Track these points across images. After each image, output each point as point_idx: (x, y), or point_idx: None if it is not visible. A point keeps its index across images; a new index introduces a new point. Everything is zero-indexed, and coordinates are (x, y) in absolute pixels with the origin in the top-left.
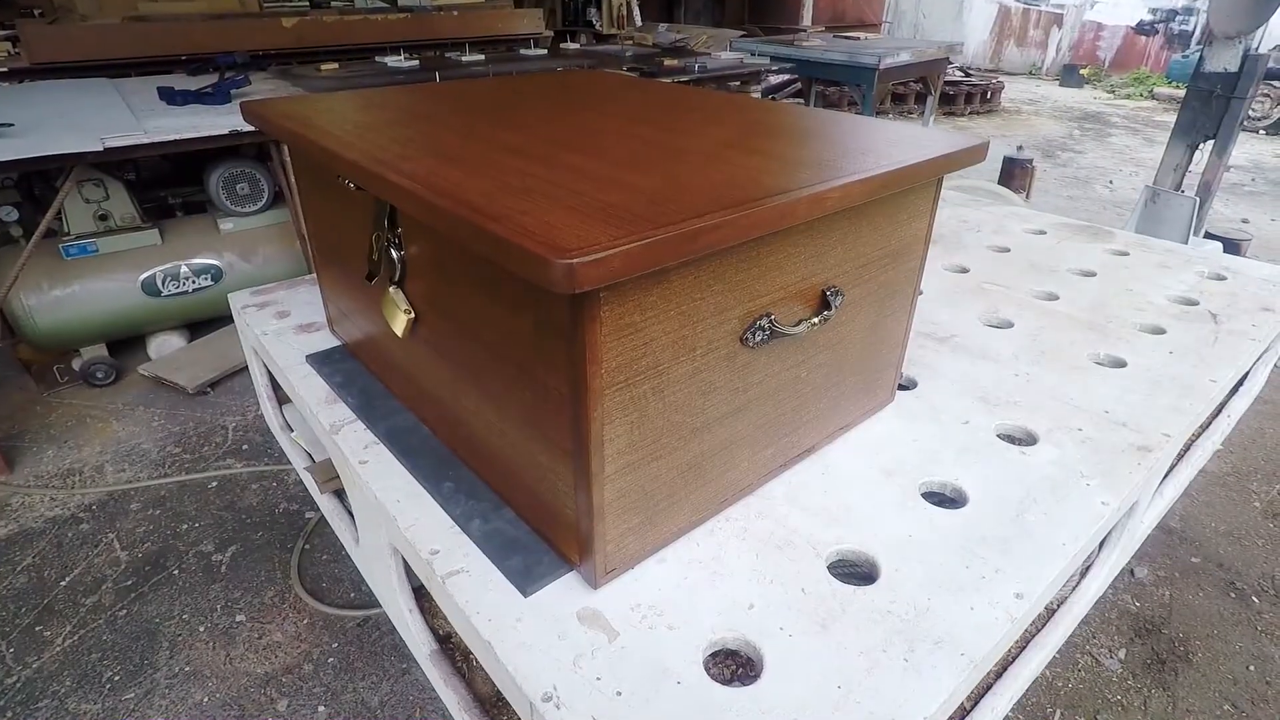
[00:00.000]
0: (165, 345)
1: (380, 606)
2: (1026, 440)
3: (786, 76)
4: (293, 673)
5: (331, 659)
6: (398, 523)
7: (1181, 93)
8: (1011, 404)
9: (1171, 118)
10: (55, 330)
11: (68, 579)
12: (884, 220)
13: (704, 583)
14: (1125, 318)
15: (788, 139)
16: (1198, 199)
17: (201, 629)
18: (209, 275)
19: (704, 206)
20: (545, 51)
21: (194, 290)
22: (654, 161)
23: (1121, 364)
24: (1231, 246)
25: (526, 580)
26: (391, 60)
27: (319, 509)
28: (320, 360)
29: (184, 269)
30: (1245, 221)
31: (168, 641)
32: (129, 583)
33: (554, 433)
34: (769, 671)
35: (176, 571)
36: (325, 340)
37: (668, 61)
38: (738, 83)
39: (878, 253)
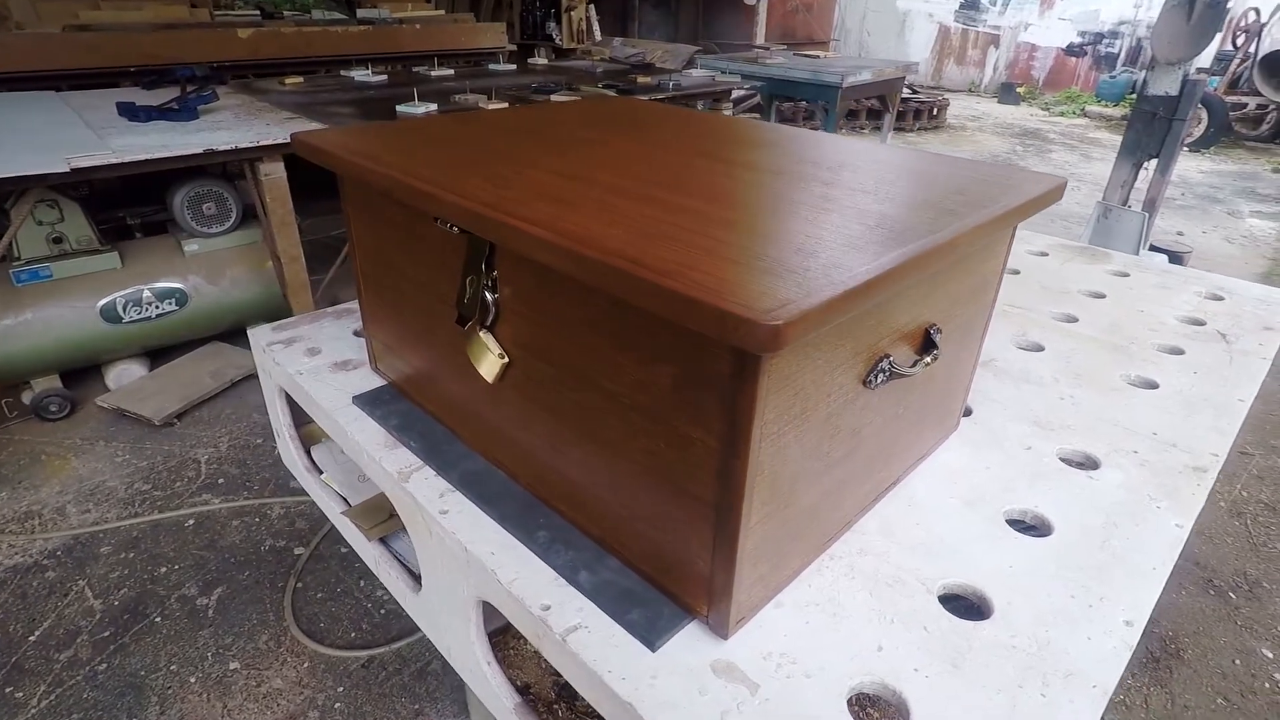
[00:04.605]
0: (125, 374)
1: (385, 645)
2: (1089, 464)
3: (744, 91)
4: None
5: (338, 704)
6: (498, 576)
7: (1110, 111)
8: (1065, 428)
9: (1103, 135)
10: (5, 362)
11: (37, 633)
12: (974, 257)
13: (826, 626)
14: (1144, 339)
15: (879, 178)
16: (1146, 214)
17: (193, 679)
18: (173, 300)
19: (856, 256)
20: (514, 67)
21: (157, 315)
22: (765, 203)
23: (1153, 385)
24: (1176, 258)
25: (652, 634)
26: (358, 74)
27: (307, 545)
28: (369, 401)
29: (146, 293)
30: (1180, 234)
31: (156, 696)
32: (107, 633)
33: (693, 485)
34: (915, 713)
35: (159, 619)
36: (366, 379)
37: (642, 79)
38: (711, 100)
39: (965, 289)
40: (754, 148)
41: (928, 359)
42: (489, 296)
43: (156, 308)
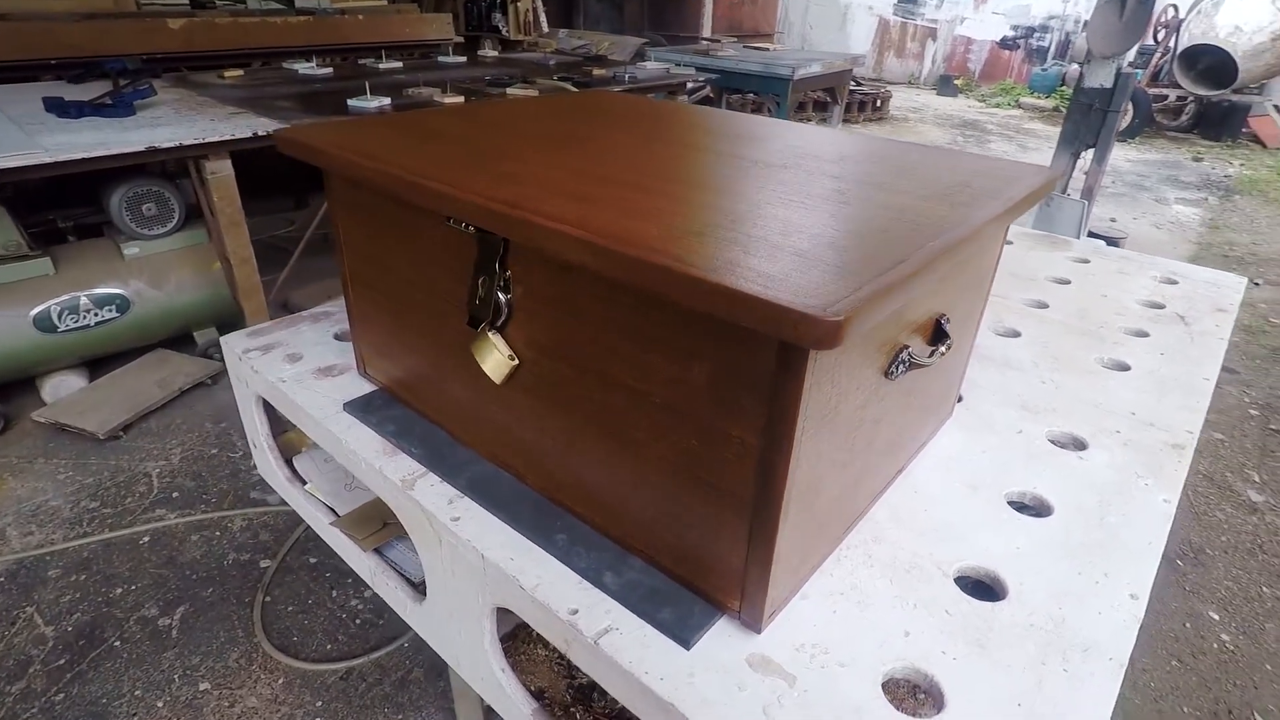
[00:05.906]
0: (63, 386)
1: (363, 656)
2: (1076, 445)
3: (695, 84)
4: None
5: (318, 719)
6: (519, 583)
7: (1042, 102)
8: (1050, 411)
9: (1037, 125)
10: None
11: None
12: (979, 249)
13: (853, 614)
14: (1111, 322)
15: (884, 171)
16: (1085, 201)
17: (160, 704)
18: (113, 306)
19: (891, 249)
20: (464, 59)
21: (96, 324)
22: (783, 198)
23: (1125, 367)
24: (1112, 243)
25: (685, 631)
26: (302, 67)
27: (273, 557)
28: (361, 408)
29: (83, 300)
30: (1114, 220)
31: None
32: (61, 661)
33: (727, 481)
34: (949, 696)
35: (118, 643)
36: (353, 384)
37: (597, 71)
38: (666, 92)
39: (969, 280)
40: (747, 141)
41: (942, 349)
42: (501, 297)
43: (95, 315)
